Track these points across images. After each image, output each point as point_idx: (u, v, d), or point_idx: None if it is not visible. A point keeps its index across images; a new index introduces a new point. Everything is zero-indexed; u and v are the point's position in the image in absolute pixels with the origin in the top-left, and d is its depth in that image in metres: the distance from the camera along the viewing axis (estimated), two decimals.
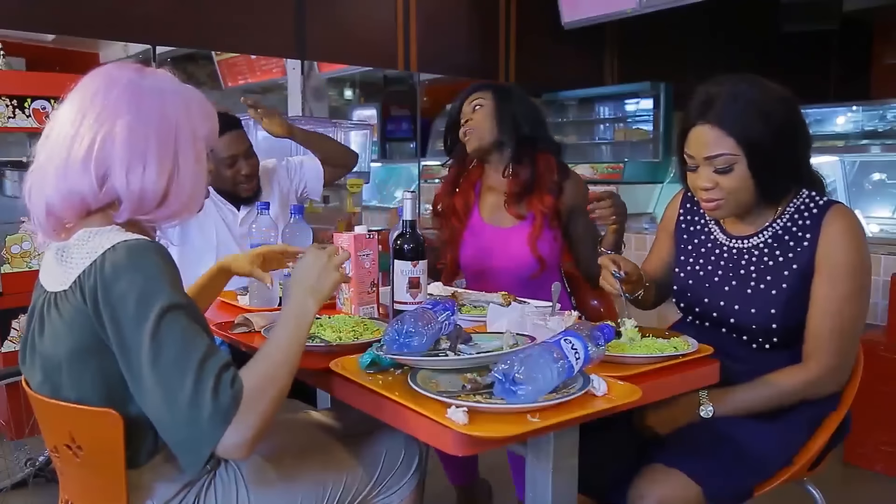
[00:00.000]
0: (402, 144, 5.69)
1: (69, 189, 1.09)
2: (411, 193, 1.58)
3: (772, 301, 1.44)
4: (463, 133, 2.04)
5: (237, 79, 4.80)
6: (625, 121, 5.73)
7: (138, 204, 1.11)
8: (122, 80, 1.12)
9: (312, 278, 1.18)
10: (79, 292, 1.04)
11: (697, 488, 1.31)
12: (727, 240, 1.55)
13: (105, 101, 1.10)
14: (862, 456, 2.70)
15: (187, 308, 1.04)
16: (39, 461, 2.37)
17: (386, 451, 1.37)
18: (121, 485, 1.09)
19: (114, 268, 1.02)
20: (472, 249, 2.07)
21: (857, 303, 1.41)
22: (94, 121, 1.09)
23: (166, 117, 1.12)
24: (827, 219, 1.42)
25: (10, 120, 2.53)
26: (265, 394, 1.02)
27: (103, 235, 1.07)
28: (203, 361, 0.99)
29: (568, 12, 5.02)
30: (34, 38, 3.55)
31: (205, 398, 0.97)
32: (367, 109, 5.72)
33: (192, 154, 1.15)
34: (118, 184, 1.09)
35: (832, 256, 1.40)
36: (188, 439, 1.00)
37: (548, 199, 2.00)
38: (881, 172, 3.69)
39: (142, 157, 1.09)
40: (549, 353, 1.06)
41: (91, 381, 1.07)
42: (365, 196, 4.46)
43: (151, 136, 1.10)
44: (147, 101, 1.11)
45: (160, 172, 1.11)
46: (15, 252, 2.59)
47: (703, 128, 1.40)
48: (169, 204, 1.14)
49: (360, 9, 4.67)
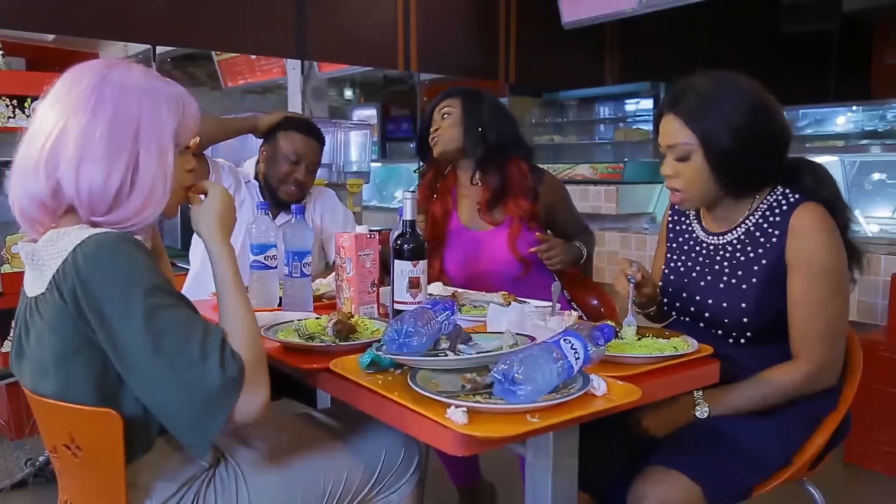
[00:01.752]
0: (402, 144, 5.70)
1: (27, 190, 1.08)
2: (411, 193, 1.58)
3: (742, 295, 1.47)
4: (432, 139, 2.08)
5: (237, 79, 4.81)
6: (625, 121, 5.73)
7: (89, 205, 1.07)
8: (87, 77, 1.09)
9: (203, 217, 1.19)
10: (56, 293, 1.03)
11: (697, 488, 1.31)
12: (706, 237, 1.60)
13: (66, 99, 1.08)
14: (862, 456, 2.69)
15: (167, 289, 1.04)
16: (39, 461, 2.37)
17: (386, 451, 1.37)
18: (120, 485, 1.09)
19: (87, 263, 1.01)
20: (457, 254, 2.09)
21: (838, 298, 1.44)
22: (52, 120, 1.07)
23: (125, 114, 1.07)
24: (794, 216, 1.44)
25: (10, 120, 2.53)
26: (258, 354, 1.07)
27: (71, 234, 1.05)
28: (204, 340, 1.01)
29: (568, 12, 5.02)
30: (34, 38, 3.55)
31: (213, 375, 0.99)
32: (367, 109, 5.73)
33: (156, 153, 1.10)
34: (66, 184, 1.06)
35: (806, 255, 1.42)
36: (198, 418, 1.01)
37: (523, 203, 2.03)
38: (881, 172, 3.69)
39: (91, 157, 1.05)
40: (549, 353, 1.06)
41: (81, 381, 1.06)
42: (365, 196, 4.46)
43: (104, 134, 1.06)
44: (106, 97, 1.07)
45: (111, 172, 1.06)
46: (15, 252, 2.59)
47: (668, 118, 1.47)
48: (126, 206, 1.09)
49: (360, 9, 4.67)
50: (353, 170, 4.20)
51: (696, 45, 5.74)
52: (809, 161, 1.57)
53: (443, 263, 2.10)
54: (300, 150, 2.28)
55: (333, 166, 4.07)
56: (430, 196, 2.16)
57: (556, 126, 5.91)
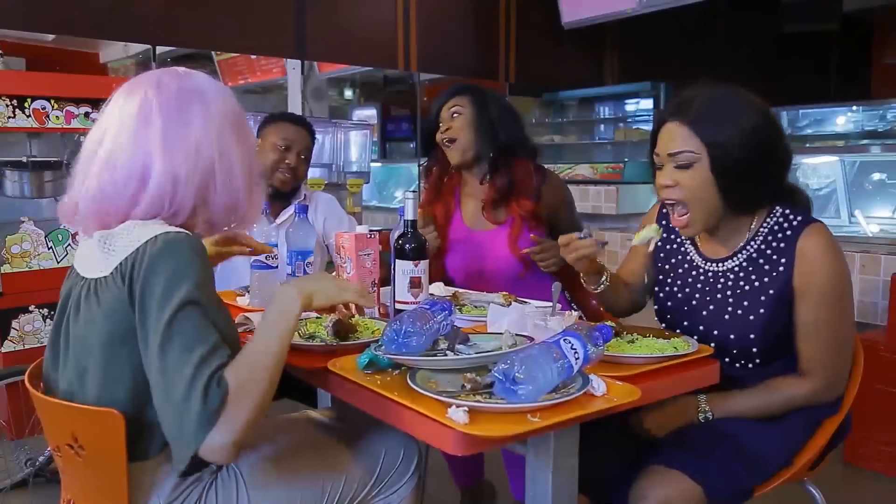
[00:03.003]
0: (402, 144, 5.69)
1: (107, 200, 1.12)
2: (412, 193, 1.58)
3: (750, 325, 1.44)
4: (441, 139, 2.05)
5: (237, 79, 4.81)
6: (625, 121, 5.73)
7: (175, 215, 1.14)
8: (165, 88, 1.15)
9: (306, 280, 1.20)
10: (119, 278, 1.06)
11: (698, 489, 1.31)
12: (703, 262, 1.55)
13: (147, 110, 1.13)
14: (862, 456, 2.69)
15: (206, 307, 1.05)
16: (39, 461, 2.37)
17: (385, 451, 1.37)
18: (122, 484, 1.10)
19: (151, 257, 1.05)
20: (459, 255, 2.09)
21: (846, 321, 1.44)
22: (132, 134, 1.12)
23: (206, 125, 1.15)
24: (801, 241, 1.41)
25: (10, 120, 2.53)
26: (248, 397, 1.01)
27: (147, 227, 1.09)
28: (202, 362, 1.00)
29: (568, 12, 5.03)
30: (34, 38, 3.56)
31: (195, 399, 0.98)
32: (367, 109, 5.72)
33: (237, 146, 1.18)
34: (153, 191, 1.12)
35: (815, 281, 1.39)
36: (179, 435, 1.01)
37: (526, 204, 2.02)
38: (881, 172, 3.69)
39: (176, 166, 1.12)
40: (549, 353, 1.06)
41: (120, 369, 1.08)
42: (365, 196, 4.46)
43: (190, 142, 1.13)
44: (186, 107, 1.14)
45: (196, 181, 1.13)
46: (15, 252, 2.59)
47: (672, 125, 1.42)
48: (205, 212, 1.17)
49: (360, 9, 4.67)
50: (353, 170, 4.20)
51: (696, 45, 5.74)
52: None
53: (445, 266, 2.10)
54: (289, 136, 2.33)
55: (333, 166, 4.08)
56: (435, 197, 2.15)
57: (556, 126, 5.91)
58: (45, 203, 2.70)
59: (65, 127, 2.63)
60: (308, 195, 2.46)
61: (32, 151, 2.67)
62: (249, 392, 1.02)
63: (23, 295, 2.61)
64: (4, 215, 2.61)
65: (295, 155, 2.33)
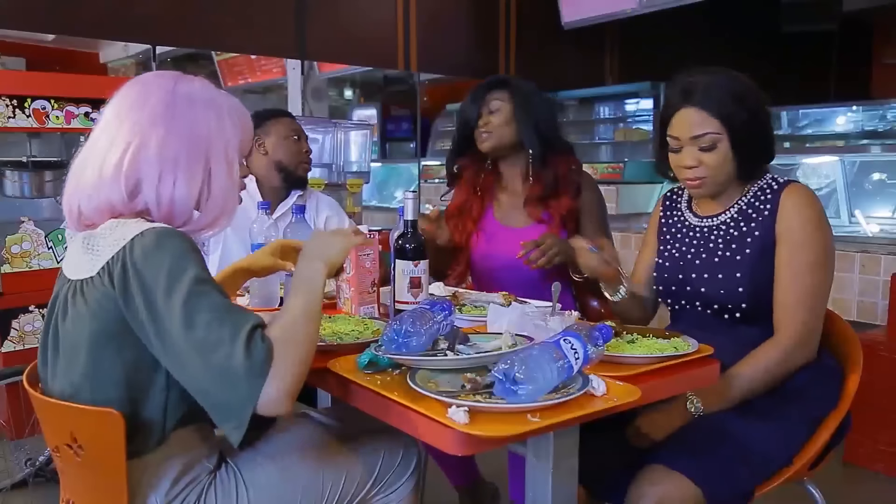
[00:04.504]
0: (402, 144, 5.69)
1: (100, 197, 1.12)
2: (412, 193, 1.58)
3: (736, 267, 1.52)
4: (479, 134, 2.02)
5: (237, 79, 4.81)
6: (625, 121, 5.73)
7: (168, 215, 1.15)
8: (158, 91, 1.15)
9: (319, 247, 1.21)
10: (107, 278, 1.07)
11: (698, 490, 1.31)
12: (699, 221, 1.64)
13: (140, 113, 1.13)
14: (862, 456, 2.70)
15: (212, 281, 1.07)
16: (39, 461, 2.37)
17: (385, 451, 1.37)
18: (122, 484, 1.10)
19: (143, 251, 1.05)
20: (482, 249, 2.06)
21: (817, 273, 1.48)
22: (127, 132, 1.12)
23: (198, 129, 1.15)
24: (785, 193, 1.52)
25: (10, 120, 2.53)
26: (292, 349, 1.04)
27: (131, 225, 1.10)
28: (235, 324, 1.02)
29: (568, 12, 5.03)
30: (34, 38, 3.56)
31: (239, 356, 0.99)
32: (367, 109, 5.73)
33: (225, 165, 1.18)
34: (148, 196, 1.13)
35: (791, 229, 1.49)
36: (229, 401, 1.01)
37: (566, 202, 2.01)
38: (881, 172, 3.69)
39: (172, 170, 1.13)
40: (549, 353, 1.06)
41: (110, 365, 1.09)
42: (365, 196, 4.46)
43: (182, 148, 1.14)
44: (179, 112, 1.14)
45: (191, 185, 1.14)
46: (15, 252, 2.59)
47: (689, 110, 1.51)
48: (201, 216, 1.18)
49: (360, 9, 4.67)
50: (353, 170, 4.20)
51: (696, 45, 5.73)
52: None
53: (471, 261, 2.07)
54: (296, 127, 2.41)
55: (333, 166, 4.07)
56: (473, 194, 2.10)
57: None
58: (45, 203, 2.70)
59: (65, 127, 2.63)
60: (308, 193, 2.47)
61: (32, 151, 2.67)
62: (293, 344, 1.04)
63: (23, 295, 2.62)
64: (4, 215, 2.61)
65: (305, 141, 2.41)
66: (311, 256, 1.20)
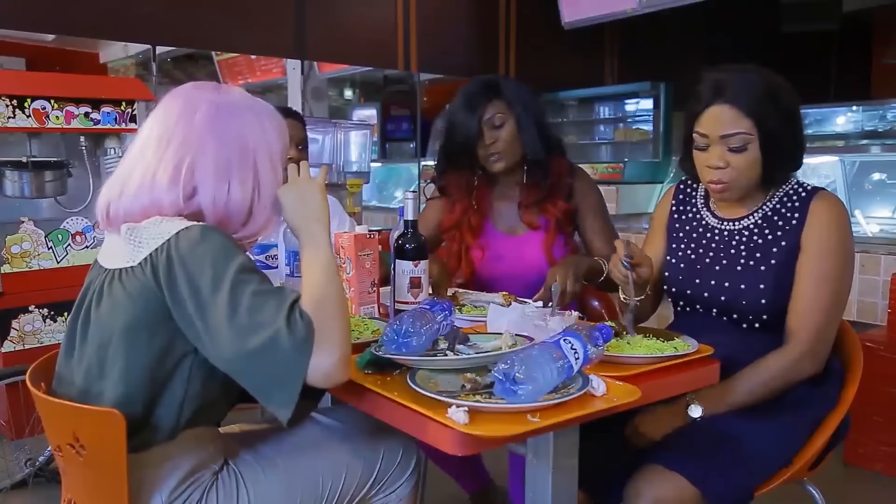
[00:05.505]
0: (402, 144, 5.69)
1: (153, 205, 1.16)
2: (412, 193, 1.58)
3: (761, 277, 1.47)
4: (487, 155, 1.93)
5: (237, 79, 4.81)
6: (625, 121, 5.73)
7: (225, 220, 1.19)
8: (202, 104, 1.19)
9: (300, 212, 1.22)
10: (149, 269, 1.10)
11: (695, 490, 1.31)
12: (718, 223, 1.59)
13: (188, 126, 1.18)
14: (862, 456, 2.69)
15: (256, 270, 1.11)
16: (39, 461, 2.38)
17: (384, 451, 1.37)
18: (123, 484, 1.10)
19: (189, 244, 1.08)
20: (485, 261, 2.01)
21: (836, 282, 1.44)
22: (179, 146, 1.17)
23: (244, 136, 1.20)
24: (814, 202, 1.47)
25: (10, 120, 2.53)
26: (329, 313, 1.06)
27: (173, 222, 1.13)
28: (276, 305, 1.04)
29: (568, 12, 5.02)
30: (34, 38, 3.56)
31: (282, 333, 1.01)
32: (367, 109, 5.73)
33: (270, 169, 1.22)
34: (205, 202, 1.17)
35: (816, 237, 1.45)
36: (279, 375, 1.03)
37: (560, 204, 1.97)
38: (881, 172, 3.69)
39: (226, 180, 1.18)
40: (549, 353, 1.06)
41: (141, 354, 1.11)
42: (365, 196, 4.46)
43: (233, 156, 1.18)
44: (225, 121, 1.18)
45: (244, 190, 1.19)
46: (15, 252, 2.59)
47: (721, 108, 1.44)
48: (253, 221, 1.23)
49: (360, 9, 4.67)
50: (353, 170, 4.20)
51: (696, 45, 5.74)
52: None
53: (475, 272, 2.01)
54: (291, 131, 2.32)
55: (333, 166, 4.08)
56: (469, 206, 2.02)
57: (556, 126, 5.90)
58: (45, 203, 2.70)
59: (65, 127, 2.62)
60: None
61: (32, 151, 2.66)
62: (329, 313, 1.07)
63: (23, 295, 2.61)
64: (4, 215, 2.60)
65: (294, 147, 2.34)
66: (300, 225, 1.21)
